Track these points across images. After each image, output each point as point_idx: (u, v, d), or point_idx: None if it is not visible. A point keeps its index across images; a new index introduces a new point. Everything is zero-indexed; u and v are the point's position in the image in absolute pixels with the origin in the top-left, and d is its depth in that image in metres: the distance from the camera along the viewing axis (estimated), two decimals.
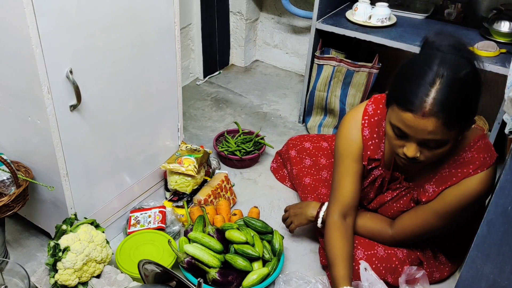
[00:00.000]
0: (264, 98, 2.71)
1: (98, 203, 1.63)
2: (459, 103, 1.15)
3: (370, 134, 1.45)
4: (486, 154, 1.32)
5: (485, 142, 1.35)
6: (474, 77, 1.18)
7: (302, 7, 2.69)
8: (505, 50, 1.93)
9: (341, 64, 2.19)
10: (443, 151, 1.23)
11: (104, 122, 1.51)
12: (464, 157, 1.33)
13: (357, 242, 1.50)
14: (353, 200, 1.49)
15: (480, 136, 1.35)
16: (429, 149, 1.22)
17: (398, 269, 1.49)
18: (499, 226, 0.97)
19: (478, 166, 1.31)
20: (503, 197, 0.94)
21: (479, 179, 1.31)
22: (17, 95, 1.35)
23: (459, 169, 1.33)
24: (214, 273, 1.49)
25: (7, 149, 1.55)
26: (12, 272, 1.46)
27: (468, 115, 1.20)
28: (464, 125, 1.22)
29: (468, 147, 1.33)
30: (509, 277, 1.01)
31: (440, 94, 1.14)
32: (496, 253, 1.00)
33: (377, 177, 1.51)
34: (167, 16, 1.60)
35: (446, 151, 1.23)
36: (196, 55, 2.78)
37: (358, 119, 1.47)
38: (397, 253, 1.51)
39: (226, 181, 1.93)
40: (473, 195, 1.33)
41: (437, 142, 1.20)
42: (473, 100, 1.19)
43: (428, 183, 1.40)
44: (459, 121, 1.18)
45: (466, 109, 1.18)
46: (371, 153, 1.46)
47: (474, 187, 1.32)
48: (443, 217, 1.39)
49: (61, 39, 1.26)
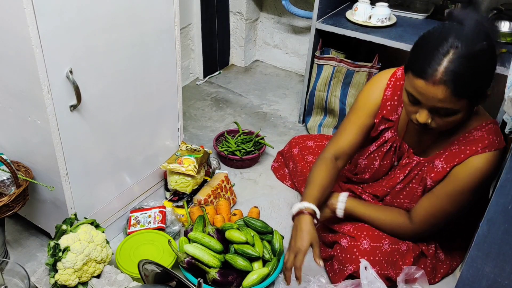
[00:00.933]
0: (264, 98, 2.71)
1: (98, 203, 1.63)
2: (469, 75, 1.18)
3: (392, 95, 1.50)
4: (496, 137, 1.35)
5: (497, 128, 1.38)
6: (489, 53, 1.21)
7: (302, 7, 2.69)
8: (505, 50, 1.93)
9: (341, 64, 2.19)
10: (454, 120, 1.27)
11: (104, 122, 1.51)
12: (474, 135, 1.36)
13: (365, 234, 1.50)
14: (349, 147, 1.56)
15: (492, 120, 1.39)
16: (440, 116, 1.27)
17: (398, 263, 1.50)
18: (499, 225, 0.97)
19: (486, 146, 1.34)
20: (504, 196, 0.94)
21: (486, 158, 1.33)
22: (17, 95, 1.35)
23: (468, 146, 1.36)
24: (214, 273, 1.49)
25: (7, 149, 1.55)
26: (12, 272, 1.46)
27: (479, 88, 1.23)
28: (475, 98, 1.24)
29: (480, 127, 1.37)
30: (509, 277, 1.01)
31: (452, 64, 1.18)
32: (496, 252, 1.00)
33: (387, 141, 1.53)
34: (167, 16, 1.60)
35: (457, 120, 1.27)
36: (196, 55, 2.78)
37: (385, 78, 1.52)
38: (401, 246, 1.52)
39: (226, 181, 1.93)
40: (479, 174, 1.35)
41: (447, 111, 1.24)
42: (485, 74, 1.22)
43: (438, 159, 1.43)
44: (468, 92, 1.21)
45: (476, 82, 1.21)
46: (386, 112, 1.51)
47: (481, 166, 1.34)
48: (454, 200, 1.41)
49: (61, 39, 1.26)
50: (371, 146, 1.58)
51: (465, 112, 1.27)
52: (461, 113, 1.26)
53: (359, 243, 1.48)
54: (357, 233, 1.51)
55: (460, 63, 1.18)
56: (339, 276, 1.52)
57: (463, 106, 1.23)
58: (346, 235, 1.53)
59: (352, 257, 1.48)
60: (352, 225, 1.55)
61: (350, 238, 1.52)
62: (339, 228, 1.58)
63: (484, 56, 1.20)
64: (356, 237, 1.50)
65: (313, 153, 1.94)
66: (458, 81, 1.18)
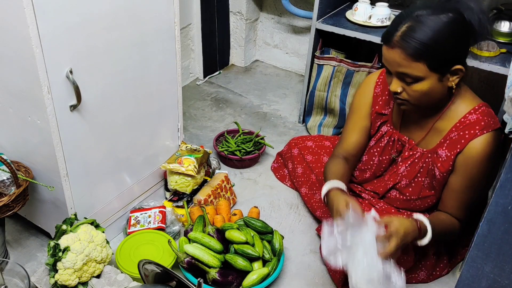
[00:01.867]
0: (264, 98, 2.71)
1: (98, 203, 1.63)
2: (425, 39, 1.25)
3: (382, 91, 1.56)
4: (491, 118, 1.39)
5: (489, 110, 1.42)
6: (453, 24, 1.27)
7: (302, 7, 2.69)
8: (505, 50, 1.93)
9: (341, 64, 2.19)
10: (421, 90, 1.32)
11: (104, 122, 1.51)
12: (470, 119, 1.40)
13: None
14: (354, 148, 1.62)
15: (483, 103, 1.43)
16: (407, 84, 1.33)
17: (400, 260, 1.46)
18: (499, 225, 0.97)
19: (483, 127, 1.37)
20: (503, 196, 0.94)
21: (486, 140, 1.37)
22: (17, 95, 1.35)
23: (466, 131, 1.39)
24: (214, 273, 1.49)
25: (7, 149, 1.55)
26: (12, 272, 1.46)
27: (437, 54, 1.27)
28: (435, 64, 1.28)
29: (473, 110, 1.40)
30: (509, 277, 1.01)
31: (408, 29, 1.27)
32: (496, 252, 1.00)
33: (384, 135, 1.57)
34: (167, 16, 1.60)
35: (424, 90, 1.32)
36: (196, 55, 2.78)
37: (374, 77, 1.59)
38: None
39: (226, 181, 1.93)
40: (484, 156, 1.38)
41: (411, 77, 1.30)
42: (445, 44, 1.27)
43: (440, 148, 1.45)
44: (424, 56, 1.26)
45: (434, 48, 1.26)
46: (379, 107, 1.57)
47: (483, 147, 1.37)
48: (475, 188, 1.44)
49: (61, 39, 1.26)
50: (371, 142, 1.62)
51: (432, 83, 1.31)
52: (426, 82, 1.31)
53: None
54: None
55: (417, 27, 1.26)
56: (340, 272, 1.51)
57: (423, 71, 1.28)
58: None
59: None
60: None
61: None
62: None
63: (445, 26, 1.26)
64: None
65: (313, 153, 1.94)
66: (412, 43, 1.25)
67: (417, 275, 1.60)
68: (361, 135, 1.61)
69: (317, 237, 1.79)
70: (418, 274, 1.60)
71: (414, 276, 1.60)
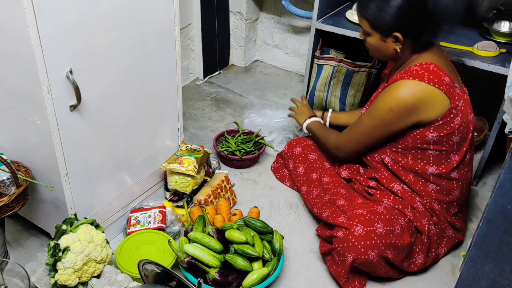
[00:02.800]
0: (264, 98, 2.71)
1: (98, 203, 1.63)
2: (372, 2, 1.51)
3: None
4: (429, 74, 1.50)
5: (435, 70, 1.51)
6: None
7: (302, 7, 2.69)
8: (505, 50, 1.93)
9: (341, 64, 2.19)
10: (370, 43, 1.60)
11: (104, 122, 1.51)
12: (411, 69, 1.54)
13: (357, 220, 1.53)
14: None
15: (435, 64, 1.53)
16: (365, 36, 1.61)
17: (396, 244, 1.53)
18: (499, 225, 0.97)
19: (413, 75, 1.51)
20: (503, 196, 0.94)
21: (407, 83, 1.51)
22: (17, 95, 1.35)
23: (401, 76, 1.54)
24: (214, 273, 1.49)
25: (7, 149, 1.56)
26: (12, 272, 1.46)
27: (380, 19, 1.51)
28: (374, 23, 1.54)
29: (419, 64, 1.54)
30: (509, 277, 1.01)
31: None
32: (496, 252, 1.00)
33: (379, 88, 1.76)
34: (167, 16, 1.60)
35: (372, 44, 1.60)
36: (196, 55, 2.78)
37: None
38: (395, 228, 1.54)
39: (226, 181, 1.93)
40: (394, 93, 1.53)
41: (362, 29, 1.60)
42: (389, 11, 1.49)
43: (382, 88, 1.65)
44: (366, 14, 1.54)
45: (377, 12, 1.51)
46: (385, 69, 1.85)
47: (398, 87, 1.52)
48: (371, 115, 1.60)
49: (61, 39, 1.26)
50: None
51: (377, 40, 1.57)
52: (372, 38, 1.58)
53: (352, 230, 1.51)
54: (349, 222, 1.54)
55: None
56: (342, 267, 1.54)
57: (367, 27, 1.56)
58: (341, 227, 1.56)
59: (349, 244, 1.50)
60: (344, 217, 1.58)
61: (344, 229, 1.54)
62: (333, 220, 1.61)
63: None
64: (349, 226, 1.53)
65: (315, 151, 1.95)
66: (364, 2, 1.55)
67: (415, 260, 1.61)
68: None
69: (317, 236, 1.79)
70: (415, 259, 1.62)
71: (412, 261, 1.61)
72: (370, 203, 1.63)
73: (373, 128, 1.60)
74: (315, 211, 1.78)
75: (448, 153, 1.58)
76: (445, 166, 1.60)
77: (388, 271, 1.57)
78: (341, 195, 1.72)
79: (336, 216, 1.62)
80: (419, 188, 1.63)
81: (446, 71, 1.53)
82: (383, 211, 1.57)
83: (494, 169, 2.12)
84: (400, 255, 1.56)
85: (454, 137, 1.56)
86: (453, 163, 1.60)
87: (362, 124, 1.64)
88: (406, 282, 1.64)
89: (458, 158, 1.60)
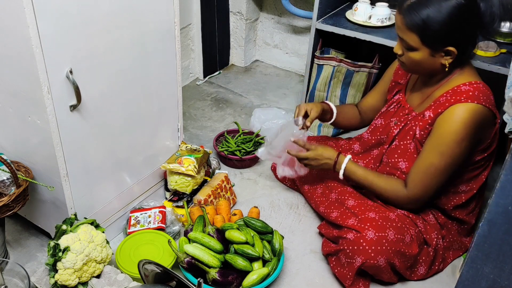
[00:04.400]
0: (264, 98, 2.71)
1: (98, 203, 1.63)
2: (425, 16, 1.38)
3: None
4: (482, 95, 1.44)
5: (484, 89, 1.46)
6: (458, 10, 1.36)
7: (302, 7, 2.69)
8: (505, 50, 1.93)
9: (341, 64, 2.19)
10: (414, 58, 1.46)
11: (104, 122, 1.51)
12: (462, 89, 1.46)
13: (369, 225, 1.51)
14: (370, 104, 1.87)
15: (482, 82, 1.47)
16: (405, 49, 1.47)
17: (405, 253, 1.52)
18: (499, 226, 0.97)
19: (469, 97, 1.42)
20: (504, 197, 0.94)
21: (467, 107, 1.41)
22: (17, 95, 1.35)
23: (454, 97, 1.45)
24: (214, 273, 1.49)
25: (7, 149, 1.55)
26: (12, 272, 1.46)
27: (434, 34, 1.39)
28: (425, 38, 1.40)
29: (469, 83, 1.46)
30: (509, 277, 1.01)
31: (417, 1, 1.39)
32: (496, 253, 1.00)
33: (395, 101, 1.70)
34: (167, 16, 1.60)
35: (416, 59, 1.46)
36: (196, 55, 2.78)
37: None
38: (405, 237, 1.53)
39: (226, 181, 1.93)
40: (459, 121, 1.42)
41: (406, 44, 1.45)
42: (443, 25, 1.37)
43: (428, 110, 1.52)
44: (417, 27, 1.40)
45: (431, 26, 1.38)
46: (397, 77, 1.73)
47: (460, 114, 1.42)
48: (440, 152, 1.46)
49: (61, 39, 1.26)
50: (383, 108, 1.75)
51: (424, 55, 1.44)
52: (418, 53, 1.44)
53: (364, 234, 1.50)
54: (361, 225, 1.52)
55: (424, 2, 1.38)
56: (348, 269, 1.53)
57: (415, 42, 1.42)
58: (351, 229, 1.54)
59: (360, 248, 1.49)
60: (355, 219, 1.56)
61: (355, 231, 1.53)
62: (343, 222, 1.59)
63: (448, 9, 1.36)
64: (360, 229, 1.51)
65: None
66: (412, 15, 1.39)
67: (417, 270, 1.61)
68: (378, 96, 1.83)
69: (318, 236, 1.79)
70: (418, 269, 1.61)
71: (414, 270, 1.61)
72: (382, 208, 1.60)
73: (450, 165, 1.47)
74: (322, 210, 1.75)
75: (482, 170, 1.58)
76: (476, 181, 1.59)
77: (391, 276, 1.57)
78: (349, 194, 1.69)
79: (346, 217, 1.59)
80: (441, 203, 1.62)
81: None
82: (395, 219, 1.55)
83: (494, 169, 2.12)
84: (406, 263, 1.55)
85: (491, 155, 1.55)
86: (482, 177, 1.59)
87: (435, 167, 1.48)
88: (406, 282, 1.63)
89: (486, 173, 1.59)
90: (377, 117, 1.76)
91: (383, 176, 1.62)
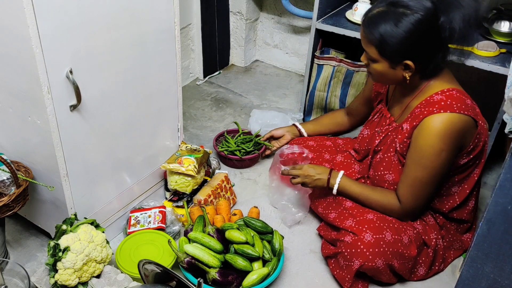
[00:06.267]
0: (264, 98, 2.71)
1: (98, 203, 1.63)
2: (382, 31, 1.40)
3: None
4: (456, 102, 1.43)
5: (458, 95, 1.46)
6: (416, 26, 1.38)
7: (302, 7, 2.69)
8: (505, 50, 1.93)
9: (341, 64, 2.19)
10: (376, 69, 1.50)
11: (104, 122, 1.51)
12: (434, 99, 1.47)
13: (367, 227, 1.52)
14: (356, 107, 1.95)
15: (456, 88, 1.47)
16: (369, 60, 1.51)
17: (403, 254, 1.52)
18: (499, 225, 0.97)
19: (442, 107, 1.43)
20: (503, 196, 0.94)
21: (440, 118, 1.42)
22: (17, 95, 1.35)
23: (427, 108, 1.46)
24: (214, 273, 1.49)
25: (7, 149, 1.56)
26: (12, 272, 1.46)
27: (391, 48, 1.42)
28: (383, 51, 1.43)
29: (441, 92, 1.47)
30: (509, 277, 1.01)
31: (377, 14, 1.43)
32: (496, 252, 1.00)
33: (378, 111, 1.73)
34: (167, 16, 1.60)
35: (378, 71, 1.49)
36: (196, 55, 2.78)
37: None
38: (403, 238, 1.53)
39: (226, 181, 1.93)
40: (434, 133, 1.42)
41: (369, 55, 1.48)
42: (399, 40, 1.40)
43: (406, 122, 1.54)
44: (375, 41, 1.43)
45: (387, 41, 1.41)
46: (377, 87, 1.76)
47: (435, 125, 1.42)
48: (422, 165, 1.47)
49: (61, 39, 1.26)
50: (370, 116, 1.77)
51: (385, 68, 1.47)
52: (379, 65, 1.48)
53: (362, 236, 1.50)
54: (359, 228, 1.52)
55: (382, 16, 1.41)
56: (347, 272, 1.53)
57: (375, 54, 1.45)
58: (349, 231, 1.54)
59: (357, 251, 1.49)
60: (353, 220, 1.56)
61: (352, 234, 1.53)
62: (341, 223, 1.59)
63: (406, 25, 1.38)
64: (358, 232, 1.51)
65: (314, 151, 1.94)
66: (371, 28, 1.43)
67: (417, 271, 1.61)
68: (363, 102, 1.88)
69: (318, 237, 1.79)
70: (418, 270, 1.61)
71: (414, 271, 1.61)
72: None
73: (434, 176, 1.48)
74: (320, 211, 1.75)
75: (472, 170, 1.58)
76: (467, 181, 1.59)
77: (390, 278, 1.57)
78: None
79: (344, 219, 1.60)
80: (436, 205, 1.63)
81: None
82: (392, 220, 1.56)
83: (494, 169, 2.12)
84: (406, 265, 1.55)
85: (480, 155, 1.55)
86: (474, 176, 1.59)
87: (419, 180, 1.49)
88: (406, 282, 1.63)
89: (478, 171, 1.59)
90: (363, 127, 1.79)
91: (378, 190, 1.62)
